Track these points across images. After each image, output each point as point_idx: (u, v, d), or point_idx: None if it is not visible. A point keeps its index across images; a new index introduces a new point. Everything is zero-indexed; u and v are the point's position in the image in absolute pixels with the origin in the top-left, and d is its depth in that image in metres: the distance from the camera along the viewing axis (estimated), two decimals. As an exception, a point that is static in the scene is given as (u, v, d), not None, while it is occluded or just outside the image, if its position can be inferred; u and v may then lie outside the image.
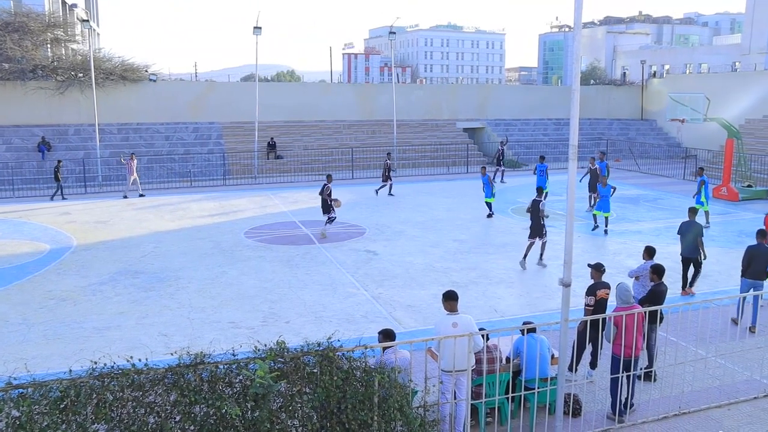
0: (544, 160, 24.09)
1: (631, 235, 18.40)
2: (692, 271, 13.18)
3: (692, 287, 13.12)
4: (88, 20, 34.73)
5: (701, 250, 12.93)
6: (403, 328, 11.08)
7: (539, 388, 7.71)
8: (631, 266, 12.69)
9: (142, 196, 25.69)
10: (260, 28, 31.70)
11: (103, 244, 17.66)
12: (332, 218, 18.31)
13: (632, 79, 52.76)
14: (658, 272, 9.21)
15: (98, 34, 56.93)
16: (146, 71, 36.02)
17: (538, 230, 15.15)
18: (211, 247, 17.21)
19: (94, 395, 5.45)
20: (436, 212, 21.96)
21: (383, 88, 42.05)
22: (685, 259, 13.13)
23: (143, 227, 19.80)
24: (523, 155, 36.66)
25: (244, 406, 5.77)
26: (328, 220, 18.30)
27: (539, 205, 15.14)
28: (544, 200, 15.45)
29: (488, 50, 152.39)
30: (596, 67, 59.95)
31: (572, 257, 7.27)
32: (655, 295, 9.08)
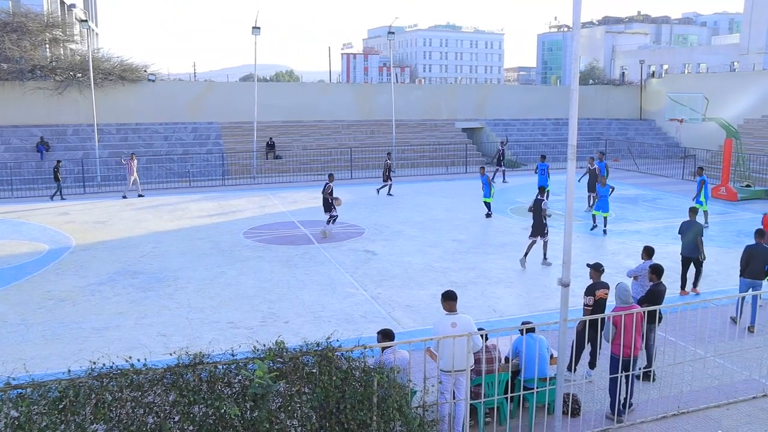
0: (545, 159, 24.11)
1: (629, 235, 18.41)
2: (693, 271, 13.18)
3: (696, 287, 13.13)
4: (86, 20, 34.70)
5: (701, 249, 12.94)
6: (401, 328, 11.08)
7: (538, 387, 7.71)
8: (629, 266, 12.69)
9: (141, 196, 25.68)
10: (259, 28, 31.72)
11: (101, 244, 17.65)
12: (334, 217, 18.46)
13: (631, 79, 52.82)
14: (656, 272, 9.23)
15: (97, 34, 56.91)
16: (145, 71, 35.99)
17: (540, 229, 15.17)
18: (210, 247, 17.21)
19: (92, 395, 5.44)
20: (434, 212, 21.97)
21: (382, 88, 42.04)
22: (685, 258, 13.14)
23: (142, 227, 19.79)
24: (522, 155, 36.68)
25: (243, 406, 5.77)
26: (329, 219, 18.43)
27: (542, 204, 15.15)
28: (546, 200, 15.48)
29: (487, 50, 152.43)
30: (595, 67, 60.03)
31: (571, 257, 7.27)
32: (654, 294, 9.09)
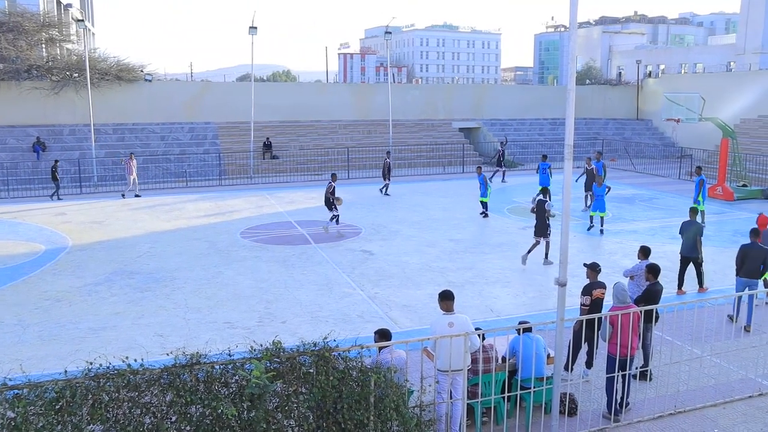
0: (546, 158, 24.04)
1: (626, 234, 18.44)
2: (693, 272, 13.22)
3: (702, 286, 13.20)
4: (83, 20, 34.56)
5: (699, 250, 12.97)
6: (399, 327, 11.08)
7: (535, 387, 7.73)
8: (626, 266, 12.72)
9: (137, 196, 25.64)
10: (256, 27, 31.69)
11: (98, 244, 17.62)
12: (335, 216, 18.77)
13: (628, 78, 52.84)
14: (653, 272, 9.25)
15: (93, 33, 56.80)
16: (142, 71, 35.93)
17: (542, 230, 15.19)
18: (206, 247, 17.19)
19: (89, 396, 5.44)
20: (432, 212, 21.98)
21: (379, 88, 42.03)
22: (684, 258, 13.16)
23: (139, 227, 19.77)
24: (519, 155, 36.67)
25: (240, 406, 5.77)
26: (332, 218, 18.79)
27: (545, 205, 15.15)
28: (549, 200, 15.47)
29: (484, 50, 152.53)
30: (592, 66, 60.02)
31: (568, 257, 7.28)
32: (650, 294, 9.11)
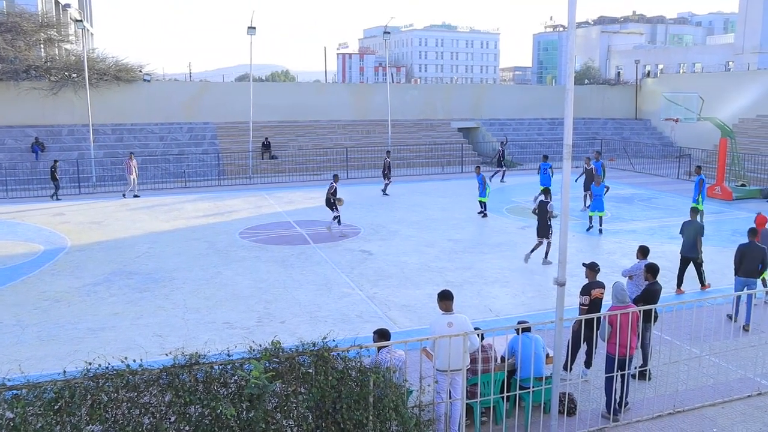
0: (547, 159, 24.02)
1: (625, 234, 18.45)
2: (693, 272, 13.23)
3: (704, 284, 13.23)
4: (81, 20, 34.52)
5: (699, 249, 12.98)
6: (398, 327, 11.08)
7: (534, 387, 7.73)
8: (625, 265, 12.73)
9: (136, 197, 25.62)
10: (254, 28, 31.68)
11: (97, 244, 17.61)
12: (336, 216, 18.86)
13: (626, 78, 52.88)
14: (652, 271, 9.25)
15: (92, 34, 56.73)
16: (140, 71, 35.91)
17: (544, 231, 15.19)
18: (205, 247, 17.18)
19: (88, 396, 5.43)
20: (430, 212, 21.98)
21: (378, 87, 42.03)
22: (684, 258, 13.17)
23: (138, 228, 19.75)
24: (517, 155, 36.69)
25: (239, 406, 5.76)
26: (334, 218, 18.90)
27: (547, 206, 15.15)
28: (551, 201, 15.47)
29: (483, 50, 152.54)
30: (590, 66, 60.08)
31: (567, 256, 7.28)
32: (649, 294, 9.11)
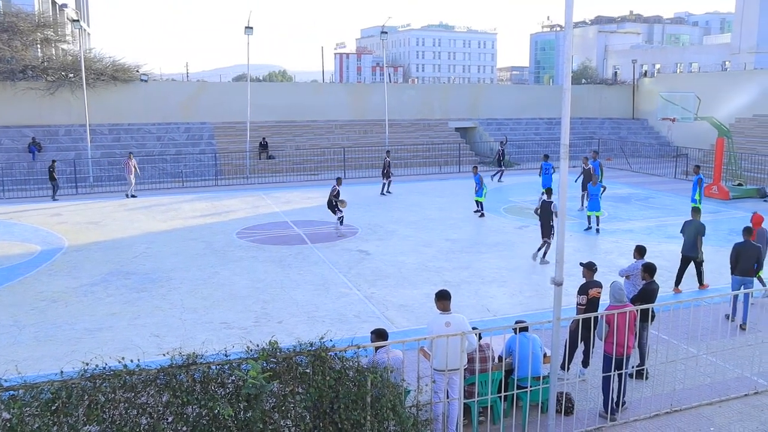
0: (548, 158, 23.97)
1: (622, 234, 18.47)
2: (693, 272, 13.25)
3: (703, 283, 13.25)
4: (78, 20, 34.52)
5: (699, 249, 13.00)
6: (395, 327, 11.08)
7: (532, 386, 7.74)
8: (622, 265, 12.72)
9: (133, 197, 25.58)
10: (252, 28, 31.64)
11: (94, 245, 17.58)
12: (340, 218, 18.91)
13: (623, 78, 52.97)
14: (649, 271, 9.27)
15: (89, 34, 56.62)
16: (137, 71, 35.85)
17: (547, 231, 15.22)
18: (203, 247, 17.17)
19: (85, 397, 5.42)
20: (428, 212, 21.98)
21: (375, 87, 42.03)
22: (684, 257, 13.19)
23: (135, 228, 19.72)
24: (515, 155, 36.71)
25: (236, 406, 5.76)
26: (338, 219, 18.97)
27: (551, 207, 15.16)
28: (554, 201, 15.47)
29: (480, 50, 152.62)
30: (587, 66, 60.15)
31: (564, 256, 7.29)
32: (646, 293, 9.12)
